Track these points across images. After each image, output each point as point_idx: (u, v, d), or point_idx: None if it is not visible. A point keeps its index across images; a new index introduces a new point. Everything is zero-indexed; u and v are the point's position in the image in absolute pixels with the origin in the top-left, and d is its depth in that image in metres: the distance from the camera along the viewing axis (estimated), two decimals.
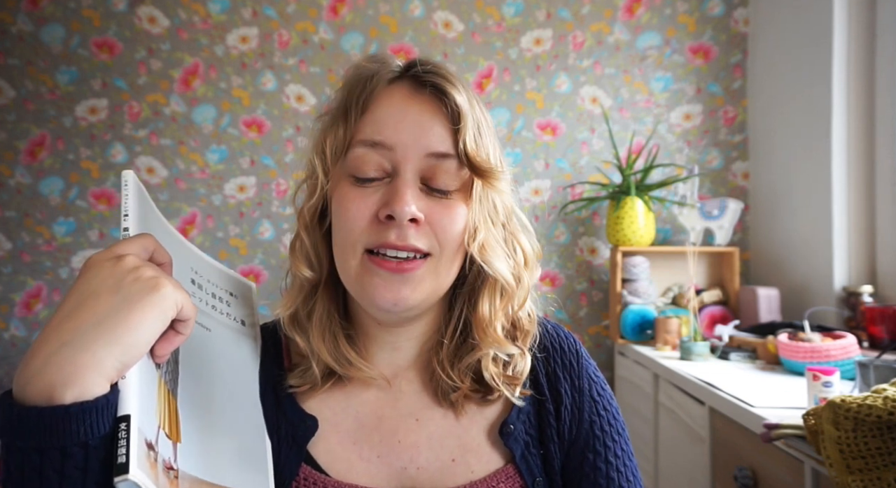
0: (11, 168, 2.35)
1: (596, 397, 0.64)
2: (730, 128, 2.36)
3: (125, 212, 0.49)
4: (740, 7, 2.34)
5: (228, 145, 2.37)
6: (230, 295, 0.62)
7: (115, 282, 0.44)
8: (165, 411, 0.46)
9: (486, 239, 0.58)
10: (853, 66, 1.81)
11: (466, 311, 0.62)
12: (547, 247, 2.38)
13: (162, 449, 0.43)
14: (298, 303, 0.60)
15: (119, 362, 0.42)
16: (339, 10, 2.38)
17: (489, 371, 0.60)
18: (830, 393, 1.07)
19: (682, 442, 1.55)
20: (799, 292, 1.99)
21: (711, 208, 2.15)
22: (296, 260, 0.59)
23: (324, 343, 0.59)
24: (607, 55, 2.37)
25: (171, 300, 0.45)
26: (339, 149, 0.57)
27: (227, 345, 0.59)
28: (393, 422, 0.61)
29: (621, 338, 2.07)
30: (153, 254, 0.49)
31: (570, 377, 0.64)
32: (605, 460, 0.61)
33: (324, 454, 0.59)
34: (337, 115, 0.59)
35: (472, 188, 0.58)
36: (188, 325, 0.48)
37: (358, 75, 0.60)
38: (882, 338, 1.53)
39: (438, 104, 0.57)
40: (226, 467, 0.50)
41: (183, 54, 2.37)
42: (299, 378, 0.60)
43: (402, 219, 0.54)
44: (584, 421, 0.62)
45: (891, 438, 0.80)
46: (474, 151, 0.56)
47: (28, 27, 2.35)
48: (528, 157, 2.38)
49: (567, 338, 0.68)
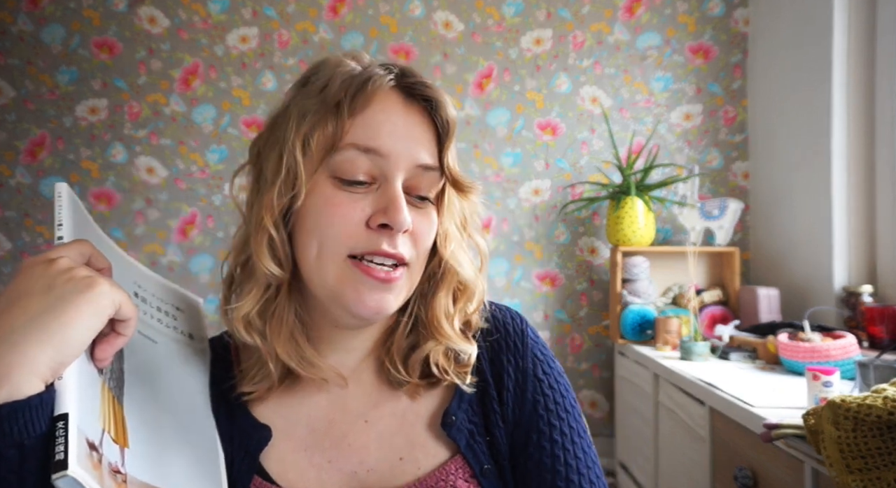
0: (11, 168, 2.35)
1: (541, 376, 0.63)
2: (730, 128, 2.36)
3: (59, 222, 0.50)
4: (740, 7, 2.34)
5: (228, 145, 2.37)
6: (176, 309, 0.62)
7: (48, 282, 0.43)
8: (111, 416, 0.45)
9: (455, 243, 0.61)
10: (853, 66, 1.81)
11: (419, 308, 0.63)
12: (547, 247, 2.38)
13: (107, 451, 0.43)
14: (261, 302, 0.57)
15: (53, 361, 0.41)
16: (339, 10, 2.38)
17: (439, 363, 0.60)
18: (830, 393, 1.07)
19: (682, 442, 1.55)
20: (799, 292, 1.99)
21: (711, 208, 2.15)
22: (262, 255, 0.55)
23: (286, 344, 0.57)
24: (607, 55, 2.37)
25: (107, 298, 0.44)
26: (325, 148, 0.55)
27: (174, 357, 0.58)
28: (343, 426, 0.61)
29: (621, 338, 2.07)
30: (90, 259, 0.48)
31: (514, 358, 0.63)
32: (550, 439, 0.60)
33: (276, 463, 0.58)
34: (324, 107, 0.55)
35: (444, 196, 0.60)
36: (129, 326, 0.47)
37: (349, 72, 0.57)
38: (882, 338, 1.53)
39: (429, 117, 0.59)
40: (179, 476, 0.49)
41: (183, 54, 2.37)
42: (252, 384, 0.59)
43: (399, 228, 0.54)
44: (528, 402, 0.62)
45: (891, 438, 0.80)
46: (455, 166, 0.59)
47: (28, 27, 2.35)
48: (528, 157, 2.38)
49: (513, 319, 0.67)
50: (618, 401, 2.18)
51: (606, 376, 2.35)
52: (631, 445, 2.00)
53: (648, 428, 1.80)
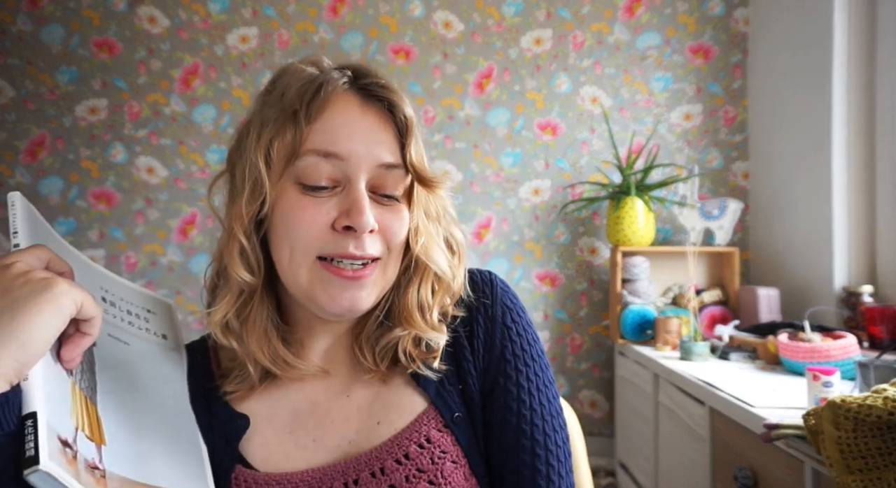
0: (11, 168, 2.35)
1: (509, 324, 0.64)
2: (730, 128, 2.36)
3: (14, 230, 0.50)
4: (740, 7, 2.34)
5: (228, 145, 2.37)
6: (147, 311, 0.63)
7: (4, 286, 0.44)
8: (84, 414, 0.46)
9: (427, 238, 0.62)
10: (853, 65, 1.81)
11: (393, 298, 0.64)
12: (547, 247, 2.38)
13: (82, 448, 0.43)
14: (235, 308, 0.59)
15: (15, 361, 0.41)
16: (339, 10, 2.38)
17: (406, 351, 0.61)
18: (830, 393, 1.07)
19: (682, 442, 1.55)
20: (799, 292, 1.99)
21: (711, 208, 2.15)
22: (234, 264, 0.57)
23: (261, 347, 0.59)
24: (607, 55, 2.37)
25: (67, 297, 0.44)
26: (287, 156, 0.56)
27: (148, 357, 0.59)
28: (326, 404, 0.62)
29: (621, 338, 2.07)
30: (49, 263, 0.48)
31: (483, 308, 0.65)
32: (516, 383, 0.61)
33: (260, 449, 0.60)
34: (283, 115, 0.57)
35: (412, 192, 0.61)
36: (93, 325, 0.48)
37: (305, 79, 0.58)
38: (882, 338, 1.53)
39: (387, 116, 0.59)
40: (160, 470, 0.50)
41: (183, 54, 2.37)
42: (234, 383, 0.61)
43: (363, 230, 0.55)
44: (496, 347, 0.63)
45: (891, 438, 0.80)
46: (420, 162, 0.60)
47: (28, 27, 2.35)
48: (528, 157, 2.38)
49: (481, 272, 0.68)
50: (618, 401, 2.18)
51: (606, 376, 2.35)
52: (631, 445, 2.00)
53: (648, 428, 1.80)
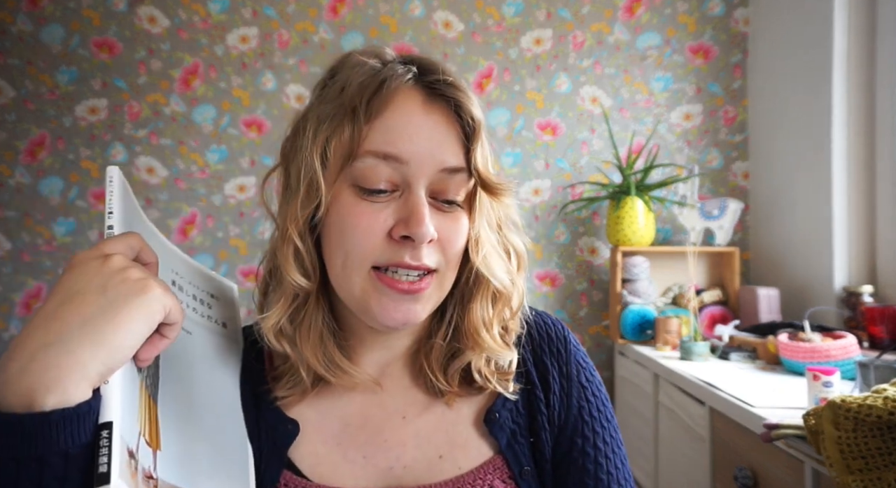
0: (11, 168, 2.35)
1: (584, 383, 0.63)
2: (730, 128, 2.36)
3: (110, 210, 0.48)
4: (740, 7, 2.34)
5: (228, 145, 2.37)
6: (211, 297, 0.61)
7: (102, 282, 0.42)
8: (146, 417, 0.45)
9: (487, 248, 0.58)
10: (853, 65, 1.81)
11: (457, 315, 0.61)
12: (547, 247, 2.38)
13: (142, 457, 0.42)
14: (289, 311, 0.56)
15: (103, 366, 0.40)
16: (339, 10, 2.38)
17: (481, 371, 0.59)
18: (830, 393, 1.07)
19: (682, 442, 1.55)
20: (799, 292, 1.99)
21: (711, 208, 2.15)
22: (289, 267, 0.54)
23: (315, 352, 0.56)
24: (607, 55, 2.37)
25: (159, 303, 0.43)
26: (344, 156, 0.53)
27: (207, 348, 0.57)
28: (379, 421, 0.59)
29: (621, 338, 2.07)
30: (139, 253, 0.47)
31: (559, 364, 0.63)
32: (594, 445, 0.60)
33: (308, 457, 0.57)
34: (341, 112, 0.53)
35: (475, 199, 0.57)
36: (174, 329, 0.46)
37: (367, 73, 0.54)
38: (882, 338, 1.53)
39: (453, 116, 0.55)
40: (205, 474, 0.49)
41: (183, 54, 2.37)
42: (286, 389, 0.58)
43: (421, 241, 0.52)
44: (573, 406, 0.62)
45: (891, 438, 0.80)
46: (485, 167, 0.56)
47: (28, 27, 2.35)
48: (528, 157, 2.38)
49: (554, 325, 0.67)
50: (618, 401, 2.18)
51: (606, 376, 2.35)
52: (631, 445, 2.00)
53: (648, 428, 1.80)
